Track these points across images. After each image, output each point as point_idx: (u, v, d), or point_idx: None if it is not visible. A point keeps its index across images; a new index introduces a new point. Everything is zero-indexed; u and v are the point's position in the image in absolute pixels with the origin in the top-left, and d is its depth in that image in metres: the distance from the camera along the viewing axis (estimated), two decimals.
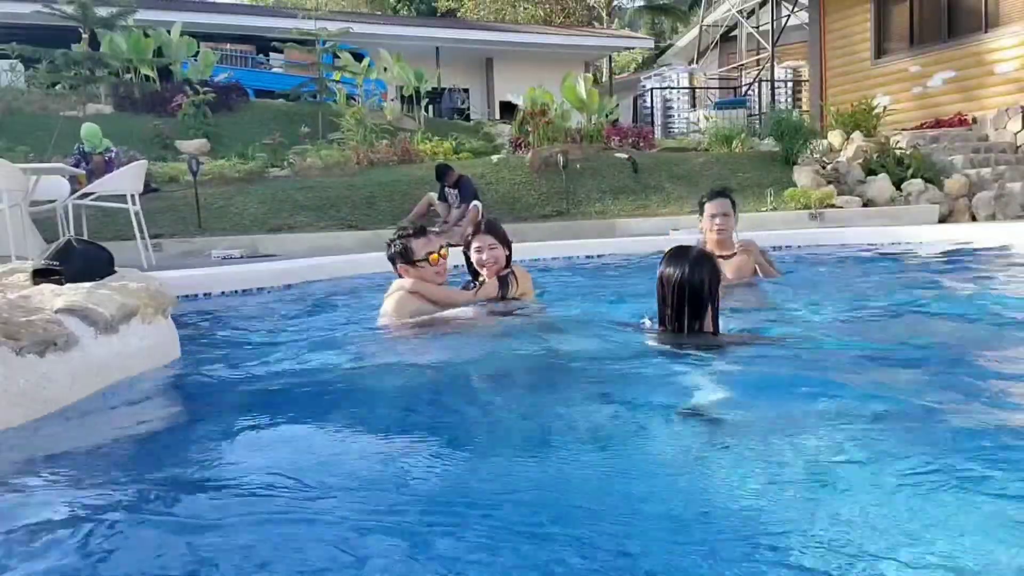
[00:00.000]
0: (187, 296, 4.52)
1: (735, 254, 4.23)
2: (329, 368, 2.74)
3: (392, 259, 3.53)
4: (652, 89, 19.06)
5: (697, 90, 20.58)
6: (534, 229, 9.61)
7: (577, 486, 1.49)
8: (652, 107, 18.85)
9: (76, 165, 8.97)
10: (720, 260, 3.71)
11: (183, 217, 9.44)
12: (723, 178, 11.28)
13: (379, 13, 29.42)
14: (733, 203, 4.26)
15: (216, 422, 2.16)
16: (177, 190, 10.18)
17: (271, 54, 19.12)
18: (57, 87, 14.55)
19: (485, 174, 11.00)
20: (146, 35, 14.76)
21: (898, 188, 10.41)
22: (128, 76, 15.06)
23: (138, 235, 7.23)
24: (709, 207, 4.26)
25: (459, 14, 29.78)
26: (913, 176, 10.45)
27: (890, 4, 13.94)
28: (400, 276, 3.53)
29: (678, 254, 2.63)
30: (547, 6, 30.95)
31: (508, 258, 3.71)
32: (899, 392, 2.09)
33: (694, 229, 9.00)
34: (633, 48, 29.05)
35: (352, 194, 10.42)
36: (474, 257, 3.67)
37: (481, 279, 3.61)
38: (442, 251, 3.51)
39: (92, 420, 1.99)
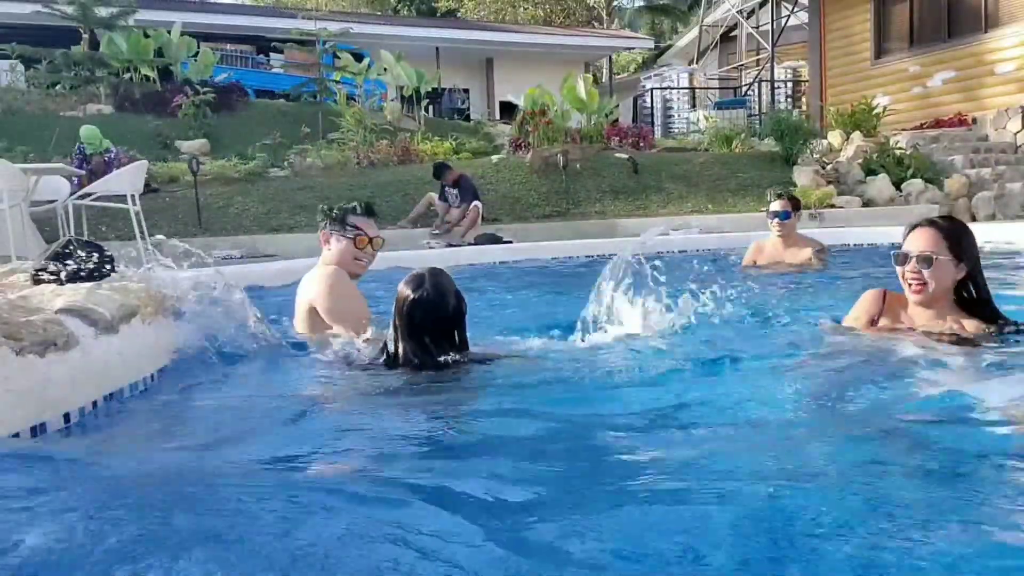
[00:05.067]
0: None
1: (800, 247, 5.07)
2: (327, 368, 2.74)
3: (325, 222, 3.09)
4: (652, 89, 19.07)
5: (697, 90, 20.59)
6: (534, 229, 9.62)
7: None
8: (652, 107, 18.86)
9: (78, 166, 8.98)
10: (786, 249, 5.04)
11: (183, 217, 9.44)
12: (723, 178, 11.29)
13: (379, 13, 29.42)
14: (796, 203, 5.11)
15: (215, 422, 2.17)
16: (177, 190, 10.18)
17: (271, 54, 19.13)
18: (57, 87, 14.55)
19: (485, 174, 11.00)
20: (146, 35, 14.76)
21: (898, 188, 10.41)
22: (128, 76, 15.07)
23: (138, 235, 7.23)
24: (771, 208, 5.08)
25: (459, 14, 29.78)
26: (913, 176, 10.45)
27: (890, 4, 13.94)
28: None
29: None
30: (547, 6, 30.97)
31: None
32: None
33: (693, 230, 9.02)
34: (633, 48, 29.05)
35: (352, 194, 10.39)
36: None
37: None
38: (374, 242, 3.10)
39: (90, 421, 2.00)
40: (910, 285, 2.49)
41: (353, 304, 3.01)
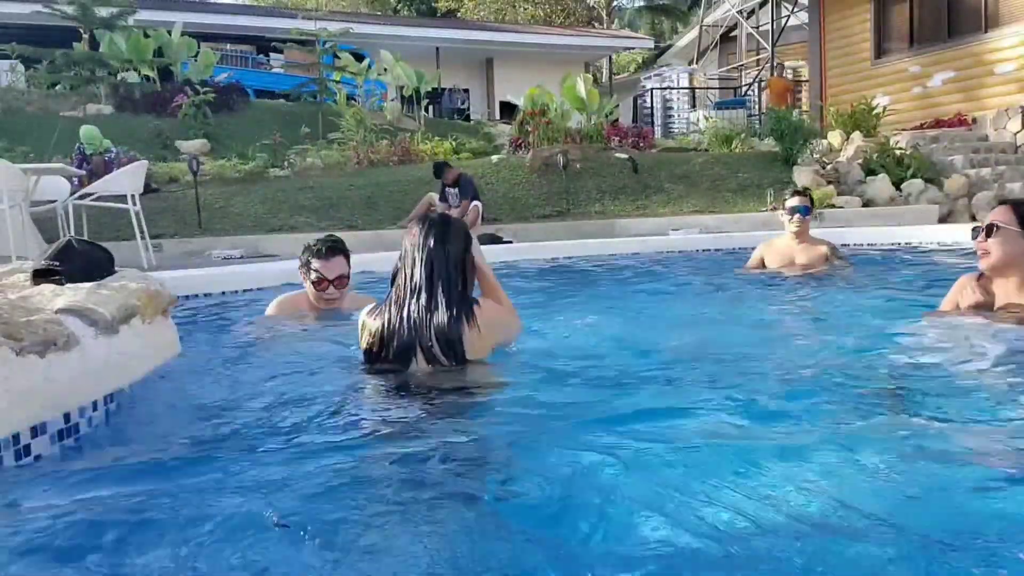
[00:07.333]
0: (187, 296, 4.52)
1: (813, 246, 4.93)
2: (326, 368, 2.74)
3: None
4: (652, 89, 19.08)
5: (697, 90, 20.60)
6: (534, 229, 9.61)
7: None
8: (652, 107, 18.87)
9: (78, 166, 8.98)
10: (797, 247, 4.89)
11: (183, 217, 9.44)
12: (723, 178, 11.29)
13: (379, 13, 29.43)
14: (812, 200, 5.09)
15: (215, 422, 2.16)
16: (177, 190, 10.19)
17: (271, 54, 19.15)
18: (57, 87, 14.56)
19: (485, 174, 11.00)
20: (146, 35, 14.77)
21: (898, 188, 10.40)
22: (128, 76, 15.07)
23: (138, 235, 7.23)
24: (789, 203, 4.94)
25: (459, 14, 29.78)
26: (913, 176, 10.44)
27: (890, 4, 13.94)
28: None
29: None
30: (547, 6, 30.97)
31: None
32: None
33: (693, 230, 9.01)
34: (633, 48, 29.06)
35: (352, 194, 10.42)
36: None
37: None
38: (337, 283, 3.32)
39: (90, 421, 1.99)
40: (978, 253, 2.69)
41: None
